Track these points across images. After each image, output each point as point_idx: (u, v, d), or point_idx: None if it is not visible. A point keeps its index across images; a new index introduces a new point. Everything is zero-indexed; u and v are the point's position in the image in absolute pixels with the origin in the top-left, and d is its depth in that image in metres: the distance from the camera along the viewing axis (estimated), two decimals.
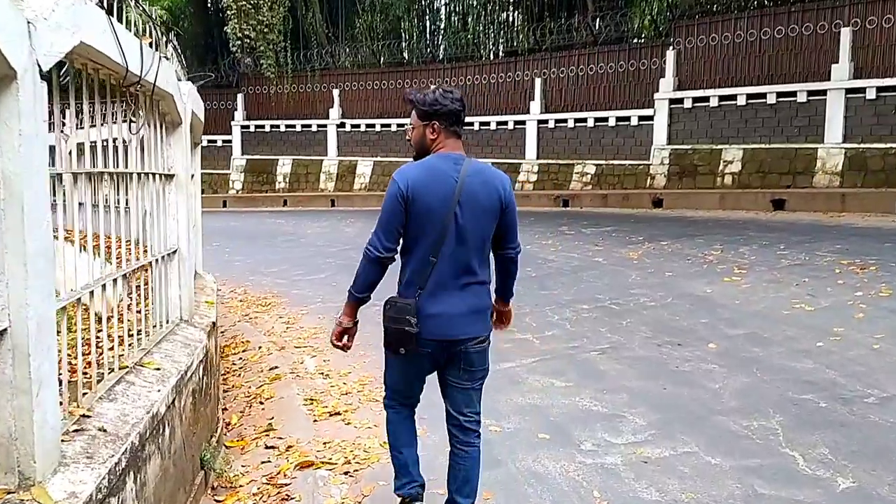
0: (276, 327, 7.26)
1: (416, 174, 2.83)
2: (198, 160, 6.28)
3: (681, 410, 4.53)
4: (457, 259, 2.81)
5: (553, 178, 20.29)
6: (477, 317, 2.91)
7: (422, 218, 2.79)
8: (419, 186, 2.78)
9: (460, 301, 2.84)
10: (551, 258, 10.18)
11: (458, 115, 2.91)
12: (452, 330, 2.84)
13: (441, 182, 2.80)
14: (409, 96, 2.99)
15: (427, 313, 2.81)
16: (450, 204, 2.77)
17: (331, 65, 24.70)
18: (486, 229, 2.85)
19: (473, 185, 2.81)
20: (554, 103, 20.86)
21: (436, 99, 2.88)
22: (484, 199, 2.82)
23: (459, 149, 2.93)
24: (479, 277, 2.89)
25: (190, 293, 4.28)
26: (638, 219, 14.77)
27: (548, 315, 7.06)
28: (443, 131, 2.89)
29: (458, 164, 2.84)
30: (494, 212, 2.85)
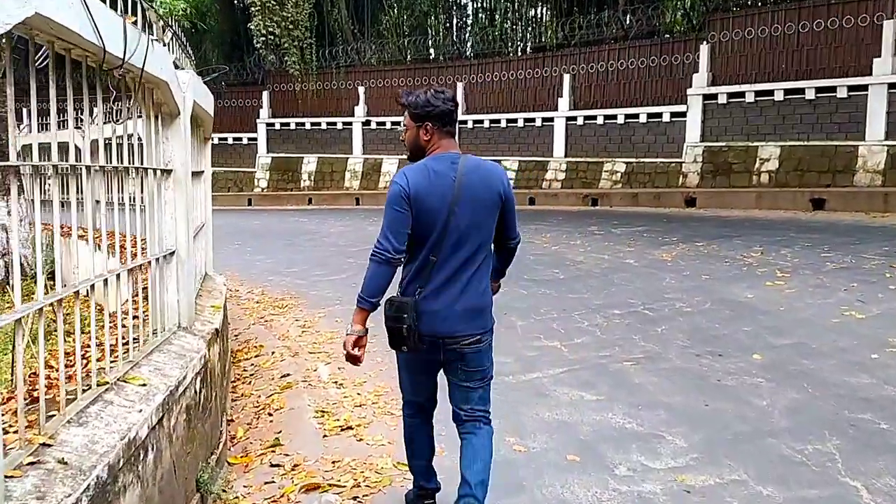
0: (292, 331, 6.94)
1: (416, 177, 2.83)
2: (208, 156, 5.98)
3: (726, 430, 4.11)
4: (457, 257, 2.83)
5: (581, 176, 19.81)
6: (474, 315, 2.89)
7: (423, 218, 2.80)
8: (421, 189, 2.80)
9: (458, 299, 2.84)
10: (580, 260, 9.76)
11: (451, 115, 2.92)
12: (447, 327, 2.84)
13: (440, 184, 2.81)
14: (401, 99, 2.99)
15: (430, 311, 2.83)
16: (449, 203, 2.79)
17: (356, 62, 24.44)
18: (486, 225, 2.87)
19: (471, 182, 2.83)
20: (583, 100, 20.37)
21: (427, 100, 2.88)
22: (483, 194, 2.84)
23: (454, 147, 2.94)
24: (480, 274, 2.89)
25: (189, 298, 3.96)
26: (670, 218, 14.26)
27: (576, 321, 6.65)
28: (436, 132, 2.90)
29: (455, 162, 2.85)
30: (494, 206, 2.87)
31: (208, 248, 5.92)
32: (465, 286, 2.84)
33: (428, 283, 2.83)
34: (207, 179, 5.95)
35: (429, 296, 2.83)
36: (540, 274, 8.91)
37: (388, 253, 2.79)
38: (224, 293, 5.51)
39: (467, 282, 2.84)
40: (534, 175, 20.65)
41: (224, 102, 27.08)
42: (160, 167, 3.71)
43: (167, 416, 2.96)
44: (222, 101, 27.14)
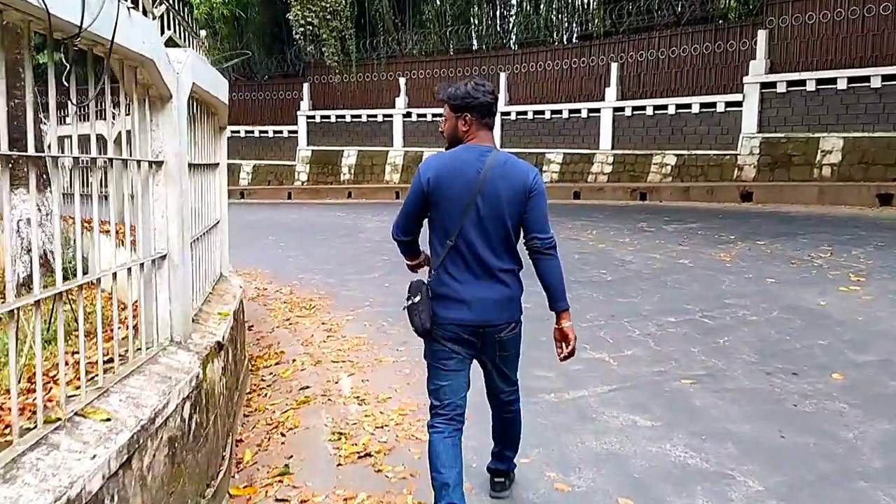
0: (316, 335, 6.46)
1: (440, 165, 2.90)
2: (223, 148, 5.51)
3: (807, 470, 3.46)
4: (478, 247, 2.85)
5: (629, 169, 18.99)
6: (504, 305, 2.92)
7: (443, 205, 2.87)
8: (442, 177, 2.87)
9: (487, 289, 2.88)
10: (629, 259, 9.08)
11: (490, 107, 2.96)
12: (480, 315, 2.88)
13: (464, 173, 2.86)
14: (440, 95, 3.03)
15: (456, 298, 2.89)
16: (471, 193, 2.83)
17: (397, 52, 23.95)
18: (508, 219, 2.86)
19: (496, 175, 2.85)
20: (631, 89, 19.53)
21: (468, 92, 2.93)
22: (506, 189, 2.84)
23: (490, 141, 2.98)
24: (507, 266, 2.91)
25: (185, 308, 3.47)
26: (726, 214, 13.41)
27: (626, 329, 6.02)
28: (474, 123, 2.95)
29: (484, 155, 2.88)
30: (518, 201, 2.86)
31: (224, 247, 5.46)
32: (492, 277, 2.87)
33: (445, 268, 2.90)
34: (223, 172, 5.49)
35: (449, 282, 2.89)
36: (586, 275, 8.27)
37: (398, 235, 3.07)
38: (238, 297, 5.04)
39: (494, 273, 2.87)
40: (579, 168, 19.90)
41: (264, 95, 26.95)
42: (148, 159, 3.22)
43: (138, 457, 2.46)
44: (262, 94, 27.03)
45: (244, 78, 26.99)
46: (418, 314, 2.92)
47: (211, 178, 5.20)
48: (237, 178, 26.84)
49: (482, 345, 2.96)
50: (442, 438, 2.92)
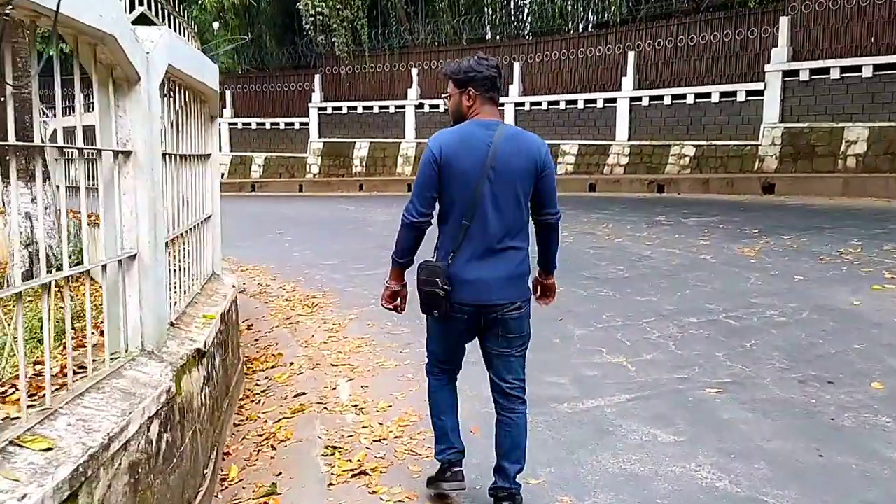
0: (317, 336, 6.13)
1: (449, 140, 2.85)
2: (215, 137, 5.18)
3: (850, 496, 3.09)
4: (492, 224, 2.81)
5: (646, 160, 18.52)
6: (513, 282, 2.88)
7: (455, 183, 2.81)
8: (452, 152, 2.81)
9: (496, 267, 2.84)
10: (647, 254, 8.68)
11: (494, 81, 2.92)
12: (488, 295, 2.84)
13: (474, 147, 2.80)
14: (445, 70, 3.01)
15: (463, 279, 2.83)
16: (483, 169, 2.78)
17: (409, 43, 23.56)
18: (520, 194, 2.84)
19: (507, 149, 2.80)
20: (649, 78, 19.03)
21: (470, 66, 2.90)
22: (518, 163, 2.81)
23: (496, 115, 2.93)
24: (516, 243, 2.87)
25: (159, 313, 3.14)
26: (748, 207, 12.94)
27: (645, 330, 5.65)
28: (479, 98, 2.90)
29: (492, 129, 2.84)
30: (529, 176, 2.83)
31: (216, 244, 5.14)
32: (502, 255, 2.83)
33: (461, 248, 2.83)
34: (215, 164, 5.15)
35: (463, 262, 2.83)
36: (601, 271, 7.89)
37: (412, 216, 2.86)
38: (230, 297, 4.72)
39: (504, 251, 2.83)
40: (594, 160, 19.45)
41: (276, 86, 26.66)
42: (114, 148, 2.89)
43: (86, 491, 2.14)
44: (274, 86, 26.74)
45: (256, 69, 26.73)
46: (444, 301, 2.84)
47: (201, 170, 4.88)
48: (249, 171, 26.63)
49: (486, 325, 2.91)
50: (441, 386, 3.15)
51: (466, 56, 3.00)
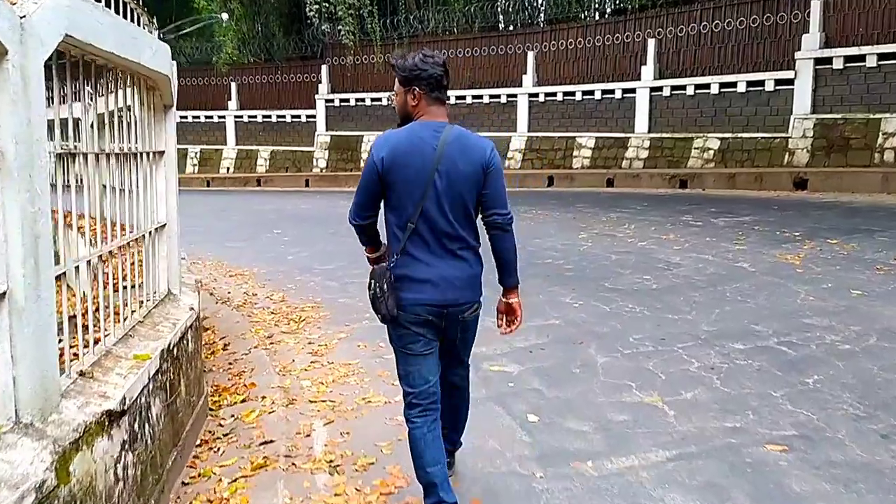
0: (298, 361, 5.31)
1: (394, 142, 2.77)
2: (171, 132, 4.34)
3: None
4: (439, 226, 2.77)
5: (667, 154, 17.56)
6: (467, 283, 2.86)
7: (400, 186, 2.76)
8: (397, 155, 2.75)
9: (448, 268, 2.81)
10: (676, 261, 7.78)
11: (439, 80, 2.83)
12: (442, 295, 2.80)
13: (420, 150, 2.74)
14: (392, 60, 2.93)
15: (420, 279, 2.79)
16: (428, 171, 2.73)
17: (419, 32, 22.65)
18: (467, 195, 2.80)
19: (453, 151, 2.76)
20: (670, 67, 18.05)
21: (415, 64, 2.82)
22: (464, 165, 2.77)
23: (443, 116, 2.85)
24: (466, 244, 2.84)
25: (44, 369, 2.32)
26: (782, 205, 11.98)
27: (682, 359, 4.78)
28: (423, 97, 2.82)
29: (439, 131, 2.77)
30: (476, 178, 2.79)
31: (172, 258, 4.31)
32: (453, 256, 2.81)
33: (405, 249, 2.79)
34: (171, 163, 4.32)
35: (412, 264, 2.79)
36: (625, 281, 7.01)
37: (354, 220, 2.92)
38: (182, 325, 3.89)
39: (454, 252, 2.81)
40: (612, 153, 18.51)
41: (282, 78, 25.86)
42: None
43: None
44: (280, 77, 25.94)
45: (261, 61, 25.95)
46: (384, 302, 2.80)
47: (149, 172, 4.06)
48: (254, 166, 25.89)
49: (446, 325, 2.87)
50: (423, 434, 2.90)
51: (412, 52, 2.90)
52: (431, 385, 2.91)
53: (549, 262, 8.15)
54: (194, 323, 4.32)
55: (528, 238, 9.76)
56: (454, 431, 3.27)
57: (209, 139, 26.94)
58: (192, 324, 4.21)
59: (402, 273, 2.78)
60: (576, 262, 7.97)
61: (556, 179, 18.05)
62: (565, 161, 19.22)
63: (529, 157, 19.95)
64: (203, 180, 25.12)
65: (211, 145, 26.85)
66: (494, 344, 5.34)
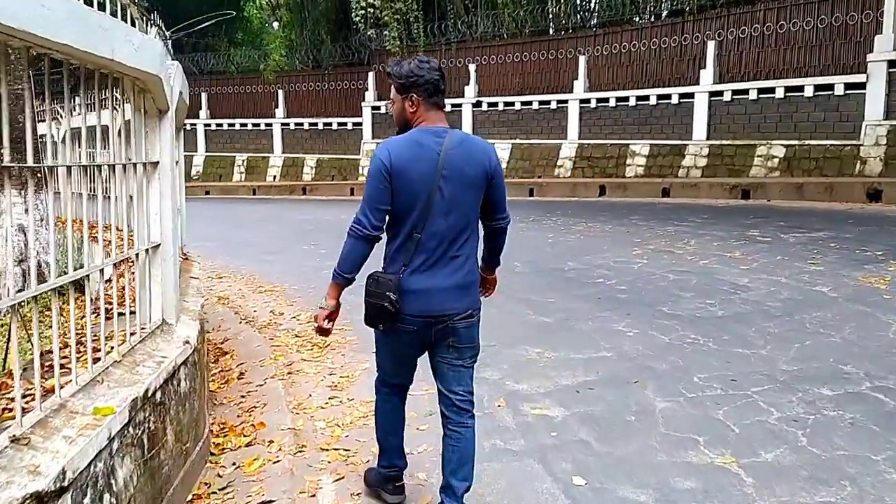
0: (315, 396, 4.75)
1: (398, 149, 2.72)
2: (168, 138, 3.82)
3: None
4: (443, 233, 2.73)
5: (728, 162, 16.59)
6: (464, 291, 2.82)
7: (405, 194, 2.69)
8: (402, 162, 2.68)
9: (447, 276, 2.77)
10: (744, 283, 6.99)
11: (436, 85, 2.79)
12: (439, 305, 2.77)
13: (423, 156, 2.70)
14: (388, 68, 2.93)
15: (412, 289, 2.74)
16: (433, 178, 2.69)
17: (467, 37, 22.09)
18: (472, 202, 2.78)
19: (456, 157, 2.71)
20: (731, 71, 17.09)
21: (411, 70, 2.78)
22: (468, 171, 2.73)
23: (442, 121, 2.81)
24: (465, 251, 2.80)
25: None
26: (857, 219, 10.98)
27: (758, 406, 4.05)
28: (422, 104, 2.78)
29: (441, 136, 2.73)
30: (480, 183, 2.77)
31: (167, 283, 3.79)
32: (452, 264, 2.77)
33: (412, 261, 2.73)
34: (166, 175, 3.81)
35: (414, 274, 2.74)
36: (686, 306, 6.27)
37: (366, 229, 2.72)
38: (171, 363, 3.36)
39: (454, 259, 2.77)
40: (668, 161, 17.61)
41: (329, 85, 25.61)
42: None
43: None
44: (327, 84, 25.69)
45: (308, 68, 25.77)
46: (390, 316, 2.73)
47: (139, 186, 3.56)
48: (300, 174, 25.68)
49: (435, 336, 2.82)
50: (389, 406, 3.12)
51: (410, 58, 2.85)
52: (404, 380, 3.08)
53: (599, 281, 7.45)
54: (191, 358, 3.78)
55: (577, 254, 9.06)
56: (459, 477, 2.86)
57: (256, 147, 26.84)
58: (186, 359, 3.68)
59: (406, 285, 2.72)
60: (630, 283, 7.25)
61: (608, 189, 17.24)
62: (618, 170, 18.39)
63: (580, 165, 19.18)
64: (249, 188, 25.01)
65: (258, 153, 26.74)
66: (536, 380, 4.70)
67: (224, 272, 9.78)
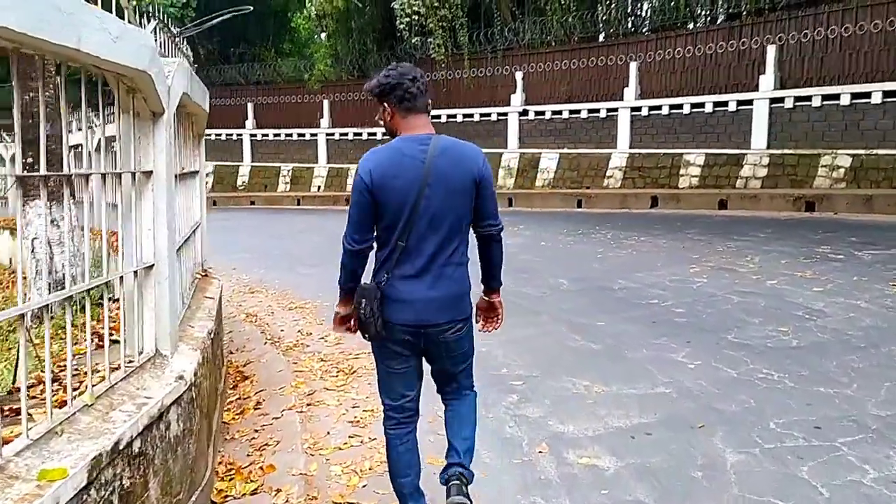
0: (334, 433, 4.25)
1: (380, 160, 2.70)
2: (163, 144, 3.37)
3: None
4: (428, 243, 2.69)
5: (789, 173, 15.67)
6: (453, 301, 2.78)
7: (389, 203, 2.66)
8: (384, 173, 2.66)
9: (432, 285, 2.71)
10: (819, 307, 6.26)
11: (406, 90, 2.73)
12: (427, 315, 2.72)
13: (406, 166, 2.65)
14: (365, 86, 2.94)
15: (395, 298, 2.71)
16: (418, 187, 2.64)
17: (514, 44, 21.55)
18: (459, 209, 2.72)
19: (442, 164, 2.67)
20: (792, 76, 16.18)
21: (377, 81, 2.79)
22: (455, 177, 2.68)
23: (425, 128, 2.76)
24: (455, 260, 2.76)
25: None
26: None
27: (849, 463, 3.40)
28: (396, 111, 2.76)
29: (425, 144, 2.69)
30: (467, 190, 2.70)
31: (161, 309, 3.33)
32: (440, 274, 2.72)
33: (396, 270, 2.71)
34: (161, 186, 3.35)
35: (397, 282, 2.71)
36: (754, 333, 5.60)
37: (351, 245, 2.74)
38: (153, 408, 2.89)
39: (442, 269, 2.72)
40: (724, 172, 16.75)
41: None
42: None
43: None
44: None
45: (354, 77, 25.55)
46: (373, 324, 2.72)
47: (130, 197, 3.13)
48: (344, 184, 25.42)
49: (426, 346, 2.80)
50: (400, 443, 2.93)
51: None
52: (408, 400, 2.92)
53: (654, 302, 6.80)
54: (186, 395, 3.31)
55: (628, 271, 8.41)
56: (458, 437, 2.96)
57: (301, 157, 26.71)
58: (179, 398, 3.20)
59: (390, 293, 2.71)
60: (688, 306, 6.59)
61: (661, 200, 16.46)
62: (670, 180, 17.59)
63: (630, 175, 18.43)
64: (293, 199, 24.87)
65: (302, 163, 26.61)
66: (584, 419, 4.12)
67: (257, 286, 9.42)
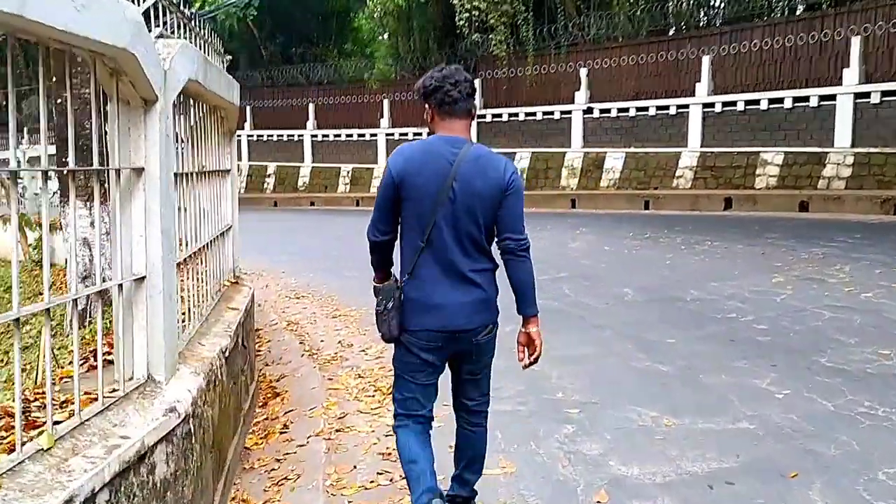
0: (361, 468, 3.73)
1: (409, 155, 2.76)
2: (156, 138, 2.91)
3: None
4: (450, 246, 2.70)
5: (876, 173, 14.48)
6: (481, 306, 2.77)
7: (413, 199, 2.71)
8: (411, 167, 2.71)
9: (463, 291, 2.72)
10: None
11: (445, 94, 2.76)
12: (456, 321, 2.72)
13: (434, 164, 2.70)
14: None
15: (428, 303, 2.71)
16: (443, 187, 2.67)
17: (579, 39, 20.75)
18: (483, 216, 2.72)
19: (469, 170, 2.69)
20: (880, 70, 14.96)
21: (422, 82, 2.85)
22: (480, 184, 2.70)
23: (460, 132, 2.81)
24: (480, 265, 2.76)
25: None
26: None
27: None
28: (435, 113, 2.81)
29: (457, 147, 2.73)
30: (493, 198, 2.72)
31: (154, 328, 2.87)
32: (468, 278, 2.71)
33: (416, 270, 2.71)
34: (154, 186, 2.89)
35: (415, 282, 2.71)
36: (851, 356, 4.85)
37: (374, 235, 2.81)
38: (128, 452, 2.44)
39: (470, 274, 2.72)
40: (805, 171, 15.64)
41: None
42: None
43: None
44: None
45: (414, 76, 25.16)
46: (388, 321, 2.76)
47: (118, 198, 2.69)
48: None
49: (456, 351, 2.81)
50: (409, 434, 2.87)
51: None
52: (427, 412, 2.88)
53: (731, 317, 6.08)
54: (180, 429, 2.84)
55: (701, 280, 7.66)
56: (471, 470, 3.01)
57: (361, 158, 26.50)
58: (169, 433, 2.74)
59: (411, 295, 2.73)
60: (772, 321, 5.84)
61: (735, 202, 15.48)
62: (746, 180, 16.55)
63: (702, 175, 17.45)
64: (353, 200, 24.64)
65: (362, 164, 26.40)
66: (651, 460, 3.49)
67: (304, 291, 9.03)
